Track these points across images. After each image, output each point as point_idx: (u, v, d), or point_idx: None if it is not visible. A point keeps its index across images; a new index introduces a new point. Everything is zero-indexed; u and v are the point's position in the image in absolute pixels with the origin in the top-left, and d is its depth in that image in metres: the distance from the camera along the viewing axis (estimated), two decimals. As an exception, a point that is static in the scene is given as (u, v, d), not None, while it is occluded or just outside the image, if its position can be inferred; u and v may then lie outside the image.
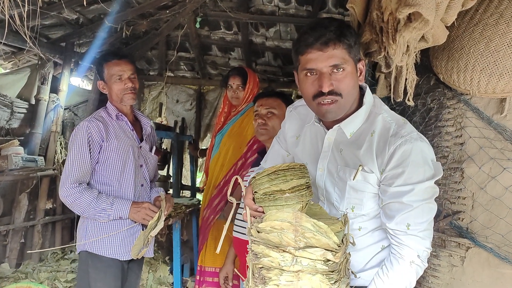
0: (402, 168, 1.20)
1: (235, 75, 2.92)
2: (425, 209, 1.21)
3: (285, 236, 1.09)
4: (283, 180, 1.16)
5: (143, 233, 1.99)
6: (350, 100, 1.28)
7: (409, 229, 1.20)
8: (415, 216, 1.20)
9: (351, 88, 1.25)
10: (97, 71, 2.20)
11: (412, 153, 1.20)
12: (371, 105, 1.33)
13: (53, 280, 3.50)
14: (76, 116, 5.16)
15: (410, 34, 1.27)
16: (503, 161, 1.70)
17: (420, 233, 1.20)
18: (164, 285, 3.55)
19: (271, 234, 1.11)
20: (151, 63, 5.34)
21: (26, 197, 3.86)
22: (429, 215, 1.22)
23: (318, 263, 1.08)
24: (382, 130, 1.27)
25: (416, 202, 1.19)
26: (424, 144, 1.23)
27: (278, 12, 4.05)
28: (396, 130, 1.24)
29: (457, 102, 1.85)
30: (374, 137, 1.27)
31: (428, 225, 1.22)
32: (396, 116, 1.31)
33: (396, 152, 1.21)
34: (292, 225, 1.08)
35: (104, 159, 2.06)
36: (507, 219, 1.68)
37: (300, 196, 1.16)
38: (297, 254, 1.08)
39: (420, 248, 1.21)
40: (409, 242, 1.21)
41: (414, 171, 1.19)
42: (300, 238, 1.08)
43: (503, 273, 1.68)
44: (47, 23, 4.08)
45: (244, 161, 2.75)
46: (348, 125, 1.31)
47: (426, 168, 1.20)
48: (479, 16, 1.70)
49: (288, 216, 1.10)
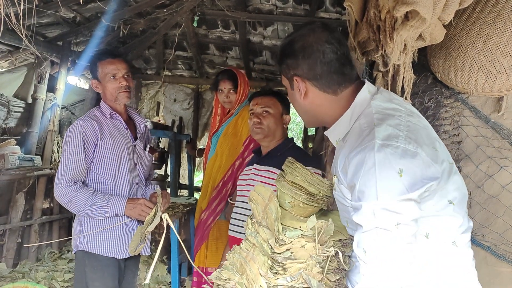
0: (354, 181, 1.03)
1: (225, 79, 2.87)
2: (381, 236, 0.96)
3: (256, 209, 1.22)
4: (310, 183, 1.23)
5: (140, 229, 1.99)
6: (302, 115, 1.29)
7: (365, 256, 1.00)
8: (368, 241, 0.99)
9: (293, 104, 1.28)
10: (91, 70, 2.20)
11: (364, 164, 1.00)
12: (362, 107, 1.17)
13: (50, 280, 3.49)
14: (73, 115, 5.16)
15: (407, 33, 1.27)
16: (500, 160, 1.70)
17: (375, 264, 0.98)
18: (161, 284, 3.54)
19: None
20: (148, 62, 5.33)
21: (23, 196, 3.85)
22: (387, 245, 0.96)
23: (265, 244, 1.14)
24: (352, 138, 1.13)
25: (366, 224, 0.99)
26: (385, 154, 0.99)
27: (276, 11, 4.04)
28: (363, 137, 1.07)
29: (454, 101, 1.85)
30: (345, 145, 1.16)
31: (388, 258, 0.97)
32: (372, 119, 1.10)
33: (351, 162, 1.05)
34: (264, 202, 1.18)
35: (99, 158, 2.06)
36: (504, 218, 1.69)
37: (310, 201, 1.23)
38: (257, 228, 1.19)
39: (375, 281, 0.98)
40: (365, 271, 1.01)
41: (365, 186, 0.99)
42: (265, 216, 1.17)
43: (500, 271, 1.69)
44: (43, 21, 4.06)
45: (241, 161, 2.74)
46: (332, 133, 1.23)
47: (382, 184, 0.96)
48: (477, 15, 1.70)
49: (265, 194, 1.20)
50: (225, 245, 2.70)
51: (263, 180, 2.02)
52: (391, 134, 1.03)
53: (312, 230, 1.11)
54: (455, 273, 1.09)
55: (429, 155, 1.03)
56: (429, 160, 1.03)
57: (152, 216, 1.99)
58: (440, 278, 1.07)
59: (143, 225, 2.00)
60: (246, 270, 1.17)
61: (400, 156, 0.99)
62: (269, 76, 5.15)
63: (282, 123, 2.16)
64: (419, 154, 1.01)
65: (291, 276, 1.09)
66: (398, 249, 0.96)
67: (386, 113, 1.12)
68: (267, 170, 2.06)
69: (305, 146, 5.11)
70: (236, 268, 1.21)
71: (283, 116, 2.17)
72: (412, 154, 1.00)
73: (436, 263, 1.07)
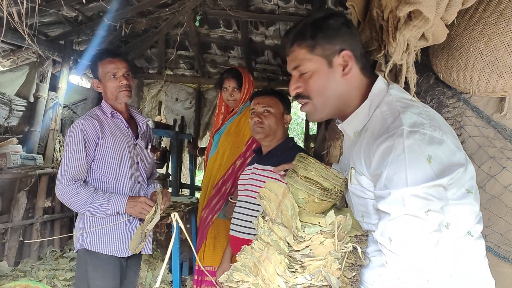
0: (381, 169, 1.02)
1: (230, 77, 2.89)
2: (410, 223, 0.96)
3: (269, 206, 1.16)
4: (325, 178, 1.18)
5: (141, 228, 1.99)
6: (330, 99, 1.18)
7: (391, 244, 0.98)
8: (395, 229, 0.98)
9: (321, 87, 1.16)
10: (92, 70, 2.21)
11: (393, 151, 0.99)
12: (380, 98, 1.16)
13: (52, 279, 3.49)
14: (75, 114, 5.16)
15: (410, 32, 1.26)
16: (502, 160, 1.70)
17: (402, 252, 0.97)
18: (163, 283, 3.55)
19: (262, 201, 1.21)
20: (150, 61, 5.33)
21: (24, 195, 3.86)
22: (416, 232, 0.96)
23: (281, 242, 1.10)
24: (375, 126, 1.11)
25: (395, 212, 0.98)
26: (414, 140, 0.98)
27: (278, 11, 4.04)
28: (388, 125, 1.06)
29: (456, 101, 1.85)
30: (366, 135, 1.14)
31: (416, 245, 0.96)
32: (396, 106, 1.10)
33: (377, 150, 1.03)
34: (278, 199, 1.14)
35: (100, 157, 2.06)
36: (506, 218, 1.68)
37: (325, 197, 1.19)
38: (271, 226, 1.14)
39: (400, 271, 0.98)
40: (390, 260, 1.00)
41: (394, 173, 0.98)
42: (279, 214, 1.13)
43: (502, 272, 1.69)
44: (46, 20, 4.07)
45: (243, 160, 2.74)
46: (349, 124, 1.21)
47: (412, 170, 0.96)
48: (479, 15, 1.70)
49: (278, 190, 1.16)
50: (222, 244, 2.71)
51: (264, 180, 2.02)
52: (417, 122, 1.03)
53: (330, 225, 1.08)
54: (469, 262, 1.10)
55: (454, 143, 1.04)
56: (454, 147, 1.04)
57: (152, 215, 2.00)
58: (456, 267, 1.08)
59: (143, 223, 2.01)
60: (261, 270, 1.13)
61: (428, 142, 0.99)
62: (271, 76, 5.15)
63: (283, 123, 2.16)
64: (445, 141, 1.02)
65: (311, 274, 1.07)
66: (426, 237, 0.96)
67: (406, 102, 1.12)
68: (267, 170, 2.06)
69: (307, 146, 5.11)
70: (249, 269, 1.17)
71: (284, 115, 2.17)
72: (439, 141, 1.01)
73: (453, 252, 1.07)
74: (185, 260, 3.68)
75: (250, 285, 1.13)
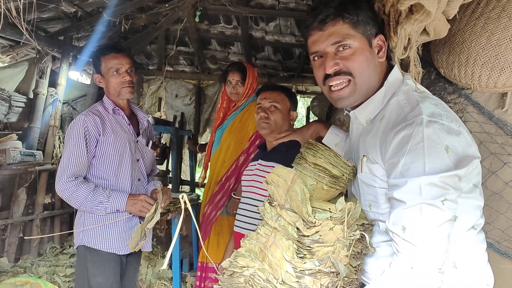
0: (398, 157, 1.01)
1: (234, 70, 2.89)
2: (426, 211, 0.95)
3: (277, 192, 1.15)
4: (334, 165, 1.17)
5: (140, 226, 1.98)
6: (367, 81, 1.13)
7: (405, 233, 0.97)
8: (410, 218, 0.97)
9: (364, 66, 1.12)
10: (94, 65, 2.19)
11: (412, 139, 0.99)
12: (395, 87, 1.15)
13: (52, 275, 3.49)
14: (74, 110, 5.15)
15: (411, 27, 1.25)
16: (503, 156, 1.69)
17: (416, 241, 0.96)
18: (163, 280, 3.55)
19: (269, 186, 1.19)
20: (150, 57, 5.31)
21: (24, 191, 3.86)
22: (431, 221, 0.95)
23: (290, 227, 1.10)
24: (392, 115, 1.10)
25: (410, 200, 0.97)
26: (433, 129, 0.98)
27: (278, 6, 4.03)
28: (405, 114, 1.05)
29: (458, 96, 1.84)
30: (382, 123, 1.12)
31: (430, 234, 0.96)
32: (414, 96, 1.09)
33: (394, 138, 1.02)
34: (287, 184, 1.13)
35: (101, 153, 2.05)
36: (507, 214, 1.68)
37: (333, 184, 1.18)
38: (279, 211, 1.13)
39: (414, 259, 0.97)
40: (403, 249, 0.98)
41: (411, 162, 0.98)
42: (288, 199, 1.12)
43: (503, 268, 1.68)
44: (45, 16, 4.05)
45: (246, 156, 2.73)
46: (363, 111, 1.19)
47: (431, 159, 0.96)
48: (481, 10, 1.68)
49: (287, 176, 1.14)
50: (226, 240, 2.70)
51: (268, 176, 2.01)
52: (435, 112, 1.03)
53: (340, 212, 1.08)
54: (472, 255, 1.11)
55: (469, 135, 1.05)
56: (470, 139, 1.05)
57: (153, 213, 1.99)
58: (460, 259, 1.09)
59: (144, 221, 2.00)
60: (267, 255, 1.11)
61: (446, 133, 0.99)
62: (271, 71, 5.13)
63: (289, 119, 2.13)
64: (462, 133, 1.03)
65: (319, 260, 1.06)
66: (441, 226, 0.96)
67: (423, 93, 1.13)
68: (272, 166, 2.04)
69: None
70: (255, 255, 1.15)
71: (291, 112, 2.15)
72: (456, 132, 1.01)
73: (458, 244, 1.08)
74: (185, 256, 3.68)
75: (256, 270, 1.12)
